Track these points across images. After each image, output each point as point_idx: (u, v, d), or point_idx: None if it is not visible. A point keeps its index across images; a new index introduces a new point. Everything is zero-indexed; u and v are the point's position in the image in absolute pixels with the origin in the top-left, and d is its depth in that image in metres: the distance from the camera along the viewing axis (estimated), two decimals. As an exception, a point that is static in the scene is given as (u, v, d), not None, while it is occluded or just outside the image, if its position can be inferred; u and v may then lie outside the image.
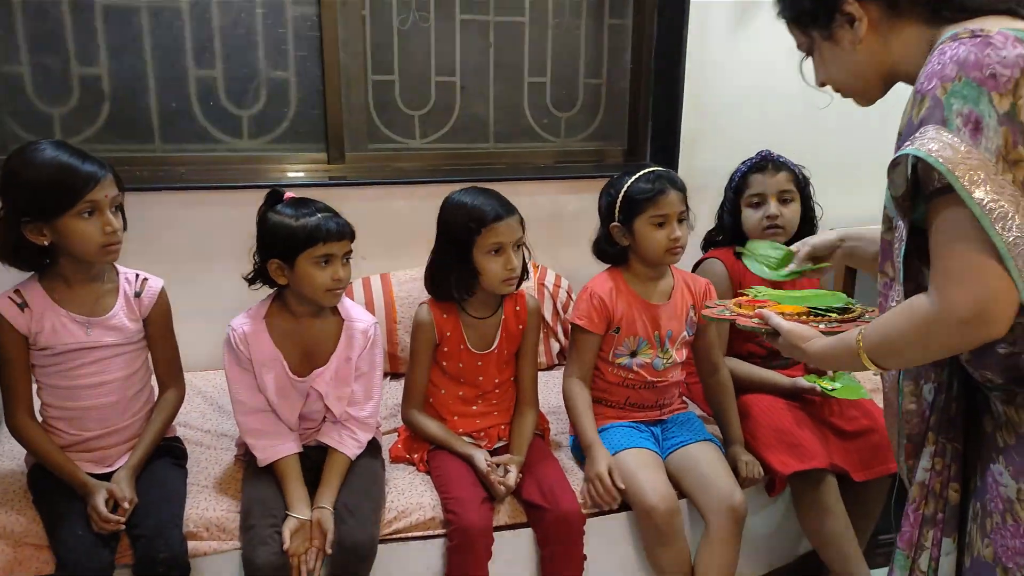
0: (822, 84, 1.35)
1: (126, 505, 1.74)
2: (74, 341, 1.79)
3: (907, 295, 1.17)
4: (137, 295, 1.88)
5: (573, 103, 3.08)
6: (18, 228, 1.70)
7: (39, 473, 1.84)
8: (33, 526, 1.78)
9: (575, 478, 2.06)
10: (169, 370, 1.96)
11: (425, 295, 2.14)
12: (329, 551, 1.78)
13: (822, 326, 1.45)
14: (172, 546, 1.74)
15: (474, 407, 2.13)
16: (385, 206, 2.74)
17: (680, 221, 2.06)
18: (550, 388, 2.45)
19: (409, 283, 2.65)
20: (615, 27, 3.06)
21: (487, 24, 2.90)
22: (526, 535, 1.98)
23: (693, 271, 2.34)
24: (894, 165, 1.12)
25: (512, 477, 1.96)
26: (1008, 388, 1.17)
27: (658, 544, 1.96)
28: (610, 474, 1.98)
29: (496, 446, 2.12)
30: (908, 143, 1.08)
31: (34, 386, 1.85)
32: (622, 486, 1.97)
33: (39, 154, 1.70)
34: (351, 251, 1.90)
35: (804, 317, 1.50)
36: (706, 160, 2.93)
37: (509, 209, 2.01)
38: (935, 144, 1.04)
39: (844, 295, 1.63)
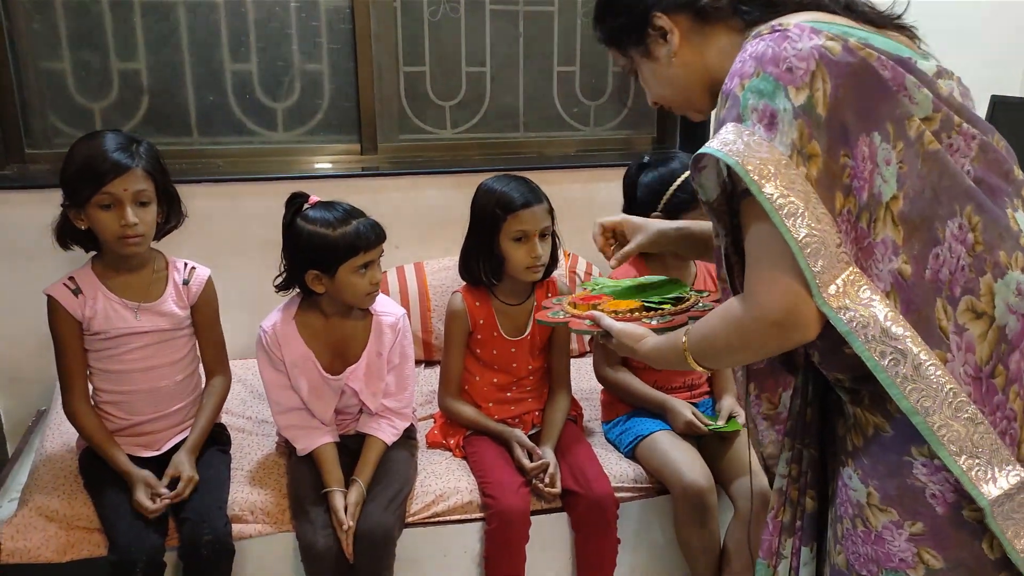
0: (655, 103, 1.32)
1: (182, 487, 1.80)
2: (125, 326, 1.85)
3: None
4: (185, 283, 1.93)
5: (602, 92, 3.09)
6: (65, 210, 1.79)
7: (90, 458, 1.90)
8: (84, 510, 1.83)
9: (609, 463, 2.08)
10: (216, 357, 2.02)
11: (458, 283, 2.17)
12: (352, 523, 1.82)
13: (654, 322, 1.41)
14: (216, 529, 1.79)
15: (508, 394, 2.16)
16: (417, 195, 2.78)
17: None
18: (582, 375, 2.48)
19: (442, 271, 2.68)
20: (644, 15, 3.06)
21: (517, 14, 2.92)
22: (561, 519, 2.02)
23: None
24: (699, 168, 1.10)
25: (557, 480, 1.98)
26: (856, 389, 1.14)
27: (692, 524, 1.97)
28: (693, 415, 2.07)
29: (530, 432, 2.15)
30: (708, 143, 1.06)
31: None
32: (709, 423, 2.06)
33: (86, 140, 1.78)
34: (383, 252, 1.93)
35: (637, 313, 1.45)
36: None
37: (537, 197, 2.02)
38: (727, 140, 1.03)
39: (680, 281, 1.59)
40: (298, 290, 1.96)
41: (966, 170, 1.06)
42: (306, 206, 1.90)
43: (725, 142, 1.03)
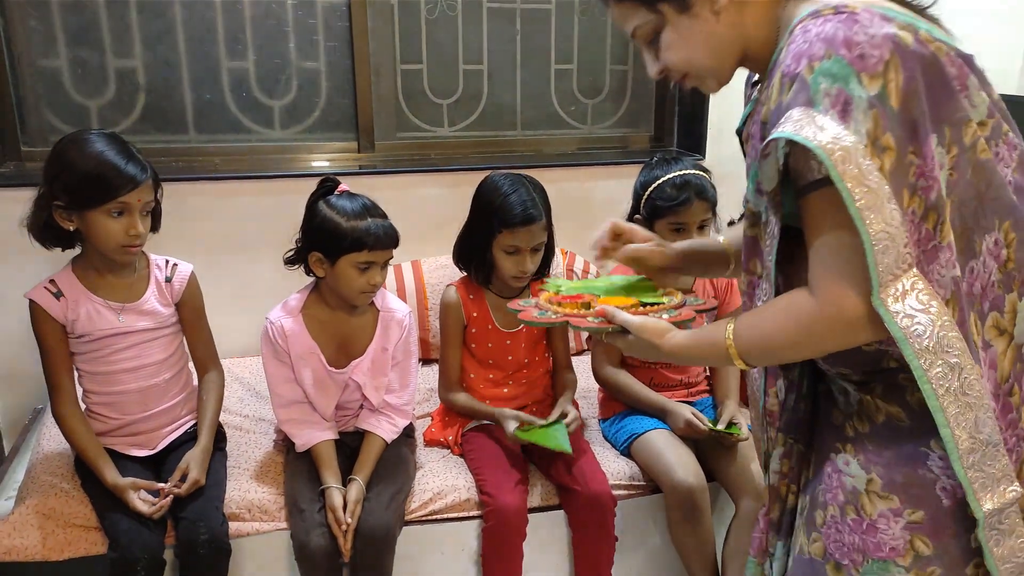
0: (661, 72, 1.18)
1: (185, 489, 1.80)
2: (109, 327, 1.84)
3: (777, 293, 1.09)
4: (168, 280, 1.92)
5: (599, 90, 3.10)
6: (49, 208, 1.75)
7: (87, 456, 1.90)
8: (81, 508, 1.83)
9: (606, 461, 2.08)
10: (207, 352, 2.02)
11: (454, 277, 2.18)
12: (352, 521, 1.82)
13: (666, 316, 1.29)
14: (213, 528, 1.79)
15: (504, 389, 2.17)
16: (414, 194, 2.78)
17: (701, 228, 2.08)
18: (579, 373, 2.47)
19: (439, 270, 2.68)
20: (641, 13, 3.06)
21: (514, 12, 2.91)
22: (559, 516, 2.02)
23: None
24: (764, 156, 1.02)
25: (572, 412, 2.03)
26: (864, 381, 1.10)
27: (685, 523, 1.98)
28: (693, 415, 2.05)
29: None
30: (778, 127, 0.98)
31: (75, 374, 1.90)
32: (709, 425, 2.03)
33: (88, 145, 1.74)
34: (392, 257, 1.92)
35: (641, 309, 1.33)
36: (733, 146, 2.91)
37: (538, 212, 2.01)
38: (806, 127, 0.95)
39: (649, 280, 1.46)
40: (304, 272, 1.96)
41: (1008, 181, 1.03)
42: (336, 192, 1.91)
43: (801, 127, 0.95)
